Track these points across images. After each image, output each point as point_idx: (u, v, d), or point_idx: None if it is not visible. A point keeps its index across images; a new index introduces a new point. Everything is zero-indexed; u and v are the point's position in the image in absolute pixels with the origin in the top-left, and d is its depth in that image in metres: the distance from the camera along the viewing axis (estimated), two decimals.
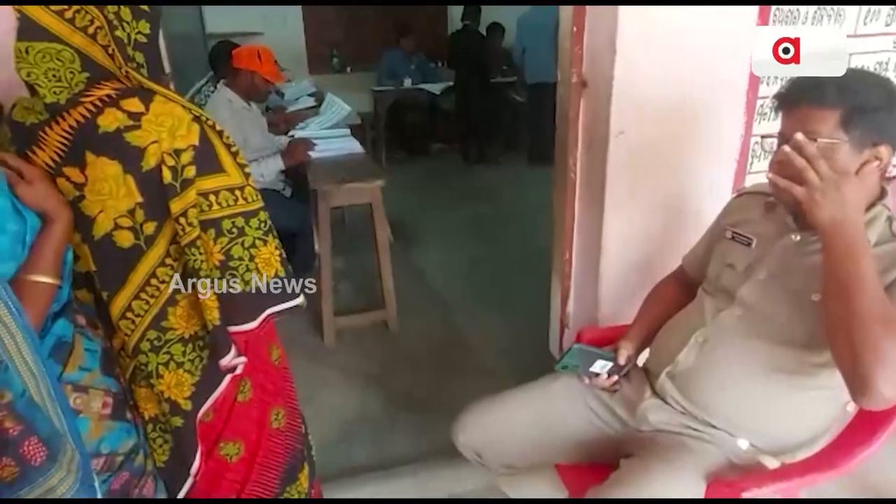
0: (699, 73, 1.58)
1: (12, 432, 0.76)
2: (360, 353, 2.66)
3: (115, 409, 1.03)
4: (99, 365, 1.02)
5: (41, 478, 0.78)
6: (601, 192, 1.66)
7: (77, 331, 1.00)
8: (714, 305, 1.29)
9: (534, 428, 1.40)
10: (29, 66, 0.95)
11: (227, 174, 1.01)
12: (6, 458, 0.76)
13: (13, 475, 0.77)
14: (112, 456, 1.01)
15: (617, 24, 1.49)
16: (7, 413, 0.77)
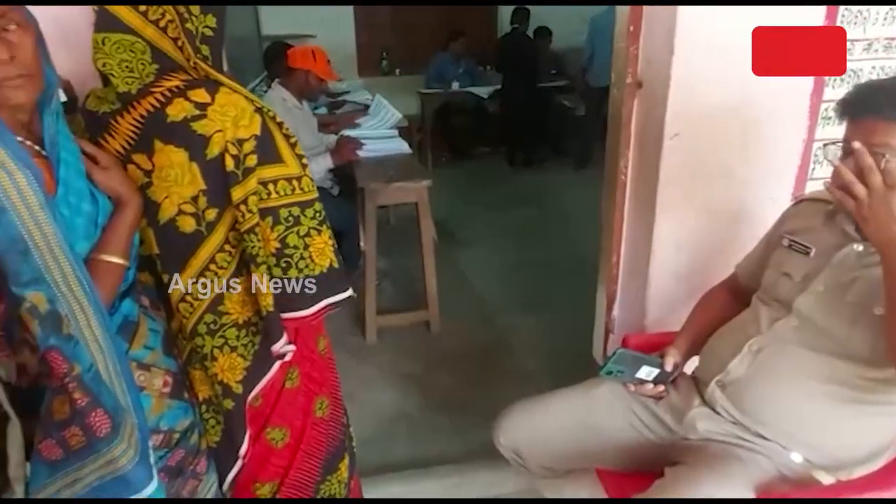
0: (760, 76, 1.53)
1: (80, 403, 0.81)
2: (401, 353, 2.68)
3: (174, 388, 1.07)
4: (161, 345, 1.06)
5: (105, 448, 0.82)
6: (653, 195, 1.63)
7: (142, 311, 1.05)
8: (770, 315, 1.26)
9: (576, 431, 1.38)
10: (104, 56, 1.00)
11: (285, 164, 1.04)
12: (75, 426, 0.80)
13: (80, 444, 0.81)
14: (170, 433, 1.05)
15: (675, 24, 1.47)
16: (76, 385, 0.81)
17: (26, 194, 0.81)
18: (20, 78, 0.87)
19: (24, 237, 0.81)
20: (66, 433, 0.82)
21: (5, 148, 0.82)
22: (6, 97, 0.86)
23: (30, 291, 0.80)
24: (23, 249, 0.80)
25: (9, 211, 0.80)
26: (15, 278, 0.79)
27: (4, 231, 0.80)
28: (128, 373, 0.92)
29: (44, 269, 0.82)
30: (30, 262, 0.81)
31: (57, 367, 0.81)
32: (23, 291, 0.79)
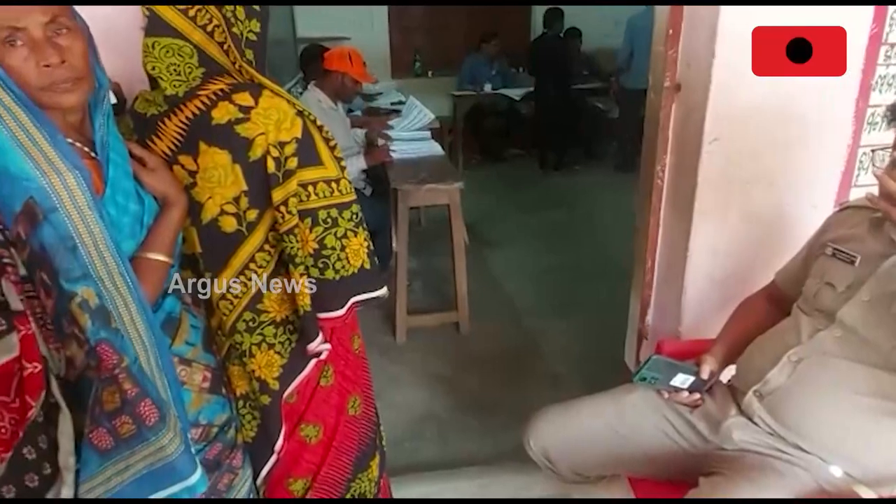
0: (804, 79, 1.50)
1: (130, 393, 0.83)
2: (431, 353, 2.69)
3: (213, 384, 1.10)
4: (201, 341, 1.09)
5: (154, 436, 0.85)
6: (690, 200, 1.60)
7: (183, 308, 1.07)
8: (811, 325, 1.23)
9: (607, 437, 1.37)
10: (154, 60, 1.03)
11: (325, 167, 1.06)
12: (125, 416, 0.83)
13: (130, 432, 0.84)
14: (208, 427, 1.08)
15: (717, 26, 1.45)
16: (126, 375, 0.84)
17: (75, 194, 0.85)
18: (70, 81, 0.89)
19: (72, 235, 0.84)
20: (116, 422, 0.85)
21: (56, 149, 0.85)
22: (57, 100, 0.89)
23: (80, 286, 0.83)
24: (71, 247, 0.84)
25: (59, 210, 0.84)
26: (66, 274, 0.82)
27: (54, 229, 0.83)
28: (170, 368, 0.95)
29: (90, 266, 0.85)
30: (78, 259, 0.84)
31: (107, 358, 0.84)
32: (74, 287, 0.82)
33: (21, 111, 0.84)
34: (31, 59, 0.85)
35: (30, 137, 0.84)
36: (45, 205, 0.83)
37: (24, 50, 0.85)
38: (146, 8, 1.03)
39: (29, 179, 0.83)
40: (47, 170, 0.84)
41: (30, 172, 0.83)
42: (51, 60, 0.85)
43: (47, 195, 0.83)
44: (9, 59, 0.84)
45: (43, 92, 0.87)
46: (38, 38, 0.85)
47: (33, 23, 0.84)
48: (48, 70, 0.86)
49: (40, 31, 0.85)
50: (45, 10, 0.85)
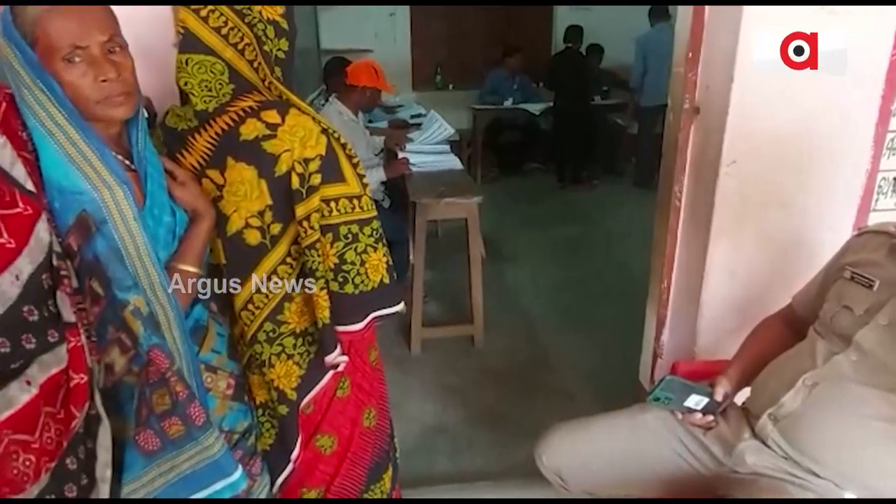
0: (823, 103, 1.50)
1: (182, 395, 0.87)
2: (445, 365, 2.70)
3: (236, 391, 1.12)
4: (226, 349, 1.12)
5: (202, 435, 0.88)
6: (707, 221, 1.61)
7: (211, 316, 1.11)
8: (827, 348, 1.22)
9: (620, 457, 1.37)
10: (187, 76, 1.07)
11: (347, 184, 1.09)
12: (175, 417, 0.87)
13: (179, 433, 0.87)
14: (230, 433, 1.10)
15: (736, 51, 1.46)
16: (177, 378, 0.87)
17: (123, 207, 0.90)
18: (122, 95, 0.93)
19: (118, 247, 0.88)
20: (165, 423, 0.88)
21: (105, 164, 0.89)
22: (111, 113, 0.94)
23: (132, 295, 0.87)
24: (120, 258, 0.88)
25: (108, 222, 0.88)
26: (119, 283, 0.87)
27: (106, 240, 0.88)
28: (198, 374, 0.98)
29: (135, 276, 0.90)
30: (127, 269, 0.89)
31: (160, 362, 0.87)
32: (126, 295, 0.87)
33: (71, 127, 0.89)
34: (90, 75, 0.90)
35: (80, 153, 0.89)
36: (98, 217, 0.87)
37: (83, 66, 0.89)
38: (181, 25, 1.07)
39: (81, 193, 0.87)
40: (98, 184, 0.88)
41: (82, 186, 0.88)
42: (109, 75, 0.91)
43: (98, 208, 0.88)
44: (67, 74, 0.89)
45: (98, 105, 0.92)
46: (97, 55, 0.90)
47: (94, 42, 0.90)
48: (105, 84, 0.91)
49: (98, 49, 0.90)
50: (104, 30, 0.91)
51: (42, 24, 0.87)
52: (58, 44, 0.88)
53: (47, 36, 0.87)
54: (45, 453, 0.77)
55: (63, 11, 0.88)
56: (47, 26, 0.87)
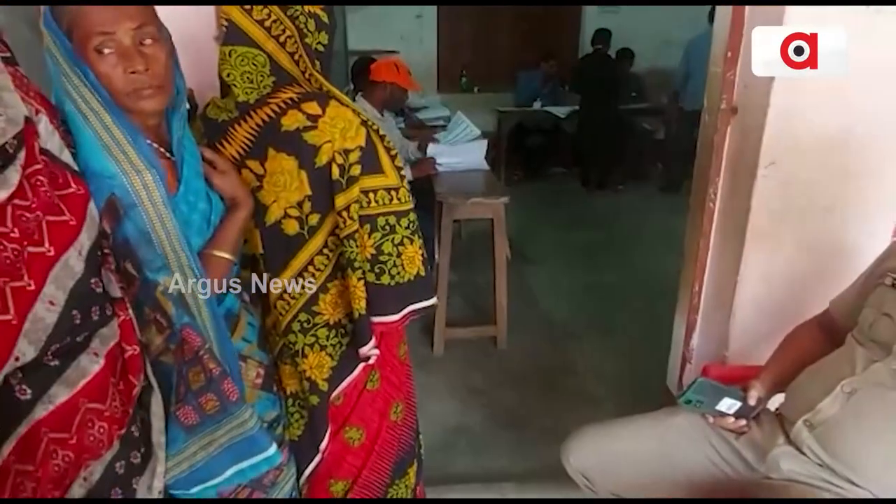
0: (866, 104, 1.47)
1: (215, 372, 0.89)
2: (467, 366, 2.70)
3: (265, 381, 1.13)
4: (257, 338, 1.13)
5: (237, 410, 0.90)
6: (743, 224, 1.58)
7: (243, 305, 1.12)
8: (866, 356, 1.20)
9: (649, 460, 1.35)
10: (230, 67, 1.08)
11: (385, 175, 1.10)
12: (210, 393, 0.89)
13: (215, 408, 0.89)
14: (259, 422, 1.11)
15: None
16: (210, 356, 0.89)
17: (152, 191, 0.91)
18: (152, 88, 0.93)
19: (148, 230, 0.90)
20: (202, 399, 0.90)
21: (136, 150, 0.91)
22: (140, 105, 0.94)
23: (163, 276, 0.89)
24: (149, 240, 0.90)
25: (138, 206, 0.90)
26: (149, 265, 0.88)
27: (134, 224, 0.89)
28: (234, 358, 0.99)
29: (167, 259, 0.91)
30: (156, 251, 0.90)
31: (192, 340, 0.89)
32: (157, 276, 0.88)
33: (106, 114, 0.90)
34: (120, 66, 0.90)
35: (113, 138, 0.90)
36: (126, 201, 0.89)
37: (113, 57, 0.90)
38: (225, 18, 1.08)
39: (111, 177, 0.89)
40: (127, 168, 0.90)
41: (112, 170, 0.89)
42: (137, 67, 0.91)
43: (127, 192, 0.89)
44: (99, 65, 0.90)
45: (127, 97, 0.92)
46: (127, 45, 0.90)
47: (122, 29, 0.89)
48: (134, 77, 0.91)
49: (129, 38, 0.90)
50: (134, 17, 0.91)
51: (74, 12, 0.88)
52: (88, 31, 0.88)
53: (79, 25, 0.88)
54: (114, 421, 0.80)
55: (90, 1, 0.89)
56: (78, 14, 0.88)
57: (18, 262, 0.69)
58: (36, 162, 0.74)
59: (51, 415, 0.72)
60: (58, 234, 0.75)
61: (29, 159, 0.73)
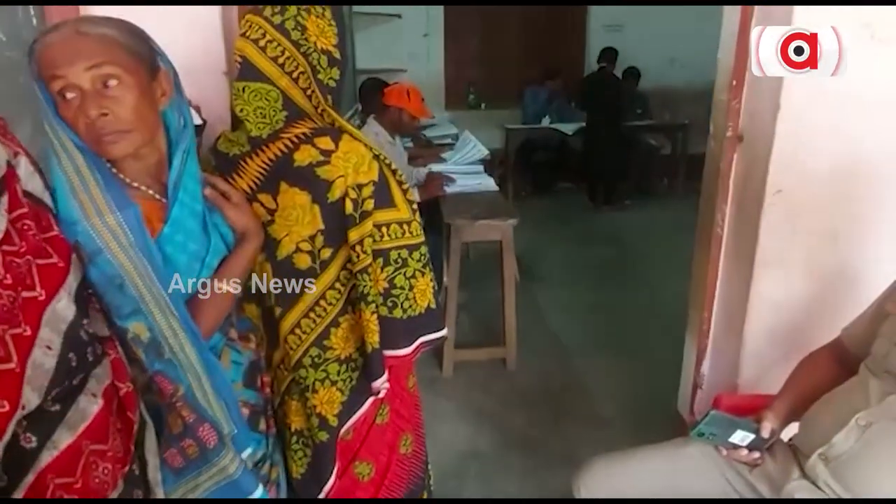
0: (872, 133, 1.48)
1: (189, 419, 0.89)
2: (476, 388, 2.69)
3: (250, 421, 1.10)
4: (242, 377, 1.10)
5: (215, 457, 0.90)
6: (751, 250, 1.58)
7: (227, 343, 1.09)
8: (880, 388, 1.18)
9: (663, 491, 1.33)
10: (243, 102, 1.09)
11: (398, 209, 1.10)
12: (189, 439, 0.88)
13: (195, 454, 0.89)
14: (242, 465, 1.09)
15: (782, 80, 1.44)
16: (183, 403, 0.89)
17: (118, 234, 0.86)
18: (115, 133, 0.88)
19: (119, 273, 0.86)
20: (183, 444, 0.90)
21: (105, 193, 0.87)
22: (103, 151, 0.89)
23: (131, 322, 0.87)
24: (119, 284, 0.87)
25: (104, 251, 0.86)
26: (117, 311, 0.86)
27: (100, 270, 0.86)
28: (228, 391, 0.98)
29: (140, 301, 0.88)
30: (127, 296, 0.87)
31: (164, 388, 0.89)
32: (125, 323, 0.87)
33: (80, 155, 0.87)
34: (80, 112, 0.86)
35: (82, 182, 0.86)
36: (90, 247, 0.85)
37: (76, 101, 0.86)
38: (239, 55, 1.10)
39: (74, 223, 0.85)
40: (90, 212, 0.85)
41: (75, 216, 0.85)
42: (89, 114, 0.86)
43: (91, 238, 0.85)
44: (63, 111, 0.86)
45: (91, 144, 0.88)
46: (86, 88, 0.86)
47: (75, 71, 0.84)
48: (89, 123, 0.87)
49: (87, 81, 0.85)
50: (89, 56, 0.85)
51: (39, 56, 0.85)
52: (46, 75, 0.85)
53: (40, 68, 0.85)
54: (118, 461, 0.79)
55: (55, 42, 0.85)
56: (41, 58, 0.85)
57: (15, 309, 0.68)
58: (20, 205, 0.73)
59: (56, 460, 0.71)
60: (48, 277, 0.74)
61: (13, 203, 0.71)
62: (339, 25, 1.14)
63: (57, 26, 0.88)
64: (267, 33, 1.07)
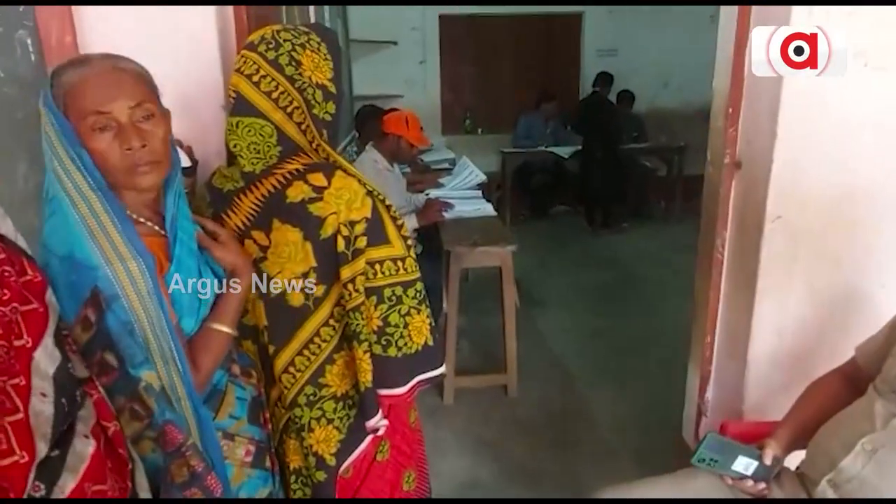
0: (870, 158, 1.48)
1: (198, 468, 0.86)
2: (477, 416, 2.65)
3: (256, 457, 1.08)
4: (247, 413, 1.08)
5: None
6: (753, 277, 1.57)
7: (230, 380, 1.07)
8: (887, 409, 1.16)
9: None
10: (237, 138, 1.09)
11: (392, 245, 1.08)
12: (195, 488, 0.85)
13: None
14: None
15: (779, 107, 1.44)
16: (193, 452, 0.86)
17: (137, 281, 0.87)
18: (149, 164, 0.92)
19: (132, 321, 0.86)
20: (187, 493, 0.87)
21: (123, 236, 0.88)
22: (136, 181, 0.93)
23: (144, 371, 0.86)
24: (131, 331, 0.87)
25: (121, 297, 0.86)
26: (130, 360, 0.86)
27: (116, 317, 0.86)
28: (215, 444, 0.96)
29: (149, 349, 0.88)
30: (138, 343, 0.87)
31: (173, 437, 0.87)
32: (138, 372, 0.86)
33: (95, 197, 0.87)
34: (116, 143, 0.90)
35: (100, 224, 0.87)
36: (109, 293, 0.85)
37: (109, 135, 0.89)
38: (233, 90, 1.09)
39: (94, 268, 0.85)
40: (112, 257, 0.86)
41: (95, 261, 0.85)
42: (133, 144, 0.90)
43: (111, 283, 0.86)
44: (95, 142, 0.89)
45: (124, 174, 0.91)
46: (124, 122, 0.90)
47: (118, 108, 0.89)
48: (130, 153, 0.90)
49: (125, 116, 0.90)
50: (132, 96, 0.91)
51: (72, 90, 0.88)
52: (84, 110, 0.88)
53: (75, 102, 0.88)
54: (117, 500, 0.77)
55: (91, 77, 0.89)
56: (76, 92, 0.88)
57: (11, 359, 0.67)
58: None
59: None
60: (32, 324, 0.72)
61: None
62: (334, 59, 1.13)
63: (83, 61, 0.91)
64: (261, 69, 1.07)
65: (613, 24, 6.02)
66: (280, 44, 1.08)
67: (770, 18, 1.39)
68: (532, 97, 5.70)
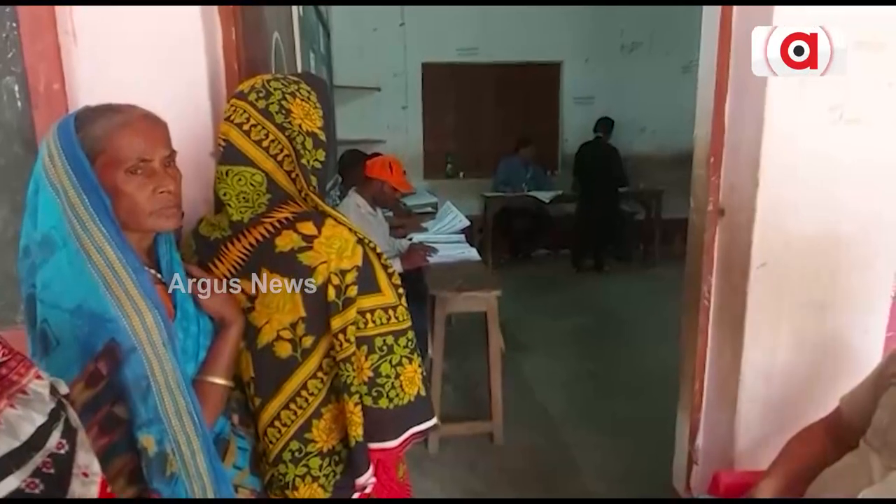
0: (851, 204, 1.51)
1: None
2: (463, 466, 2.58)
3: None
4: (248, 463, 1.06)
5: None
6: (740, 322, 1.57)
7: (232, 429, 1.05)
8: (882, 463, 1.15)
9: None
10: (226, 186, 1.07)
11: (383, 294, 1.06)
12: None
13: None
14: None
15: (760, 155, 1.48)
16: None
17: (152, 333, 0.86)
18: (175, 208, 0.96)
19: (147, 374, 0.84)
20: None
21: (139, 288, 0.86)
22: (162, 223, 0.95)
23: (142, 434, 0.83)
24: (145, 387, 0.84)
25: (137, 350, 0.84)
26: (136, 419, 0.83)
27: (132, 370, 0.84)
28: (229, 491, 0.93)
29: (160, 406, 0.85)
30: (148, 402, 0.84)
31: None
32: (137, 434, 0.83)
33: (109, 247, 0.86)
34: (148, 186, 0.92)
35: (116, 276, 0.85)
36: (126, 345, 0.84)
37: (142, 178, 0.92)
38: (223, 138, 1.08)
39: (111, 320, 0.84)
40: (129, 310, 0.85)
41: (112, 313, 0.84)
42: (169, 187, 0.94)
43: (128, 336, 0.84)
44: (127, 185, 0.91)
45: (151, 216, 0.93)
46: (157, 168, 0.94)
47: (158, 156, 0.94)
48: (162, 196, 0.94)
49: (159, 162, 0.94)
50: (167, 145, 0.97)
51: (112, 137, 0.90)
52: (126, 157, 0.91)
53: (116, 149, 0.90)
54: None
55: (134, 126, 0.93)
56: (118, 140, 0.90)
57: None
58: None
59: None
60: None
61: None
62: (324, 107, 1.13)
63: (114, 109, 0.94)
64: (251, 117, 1.07)
65: (590, 73, 6.20)
66: (270, 92, 1.08)
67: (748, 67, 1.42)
68: (512, 142, 5.80)
